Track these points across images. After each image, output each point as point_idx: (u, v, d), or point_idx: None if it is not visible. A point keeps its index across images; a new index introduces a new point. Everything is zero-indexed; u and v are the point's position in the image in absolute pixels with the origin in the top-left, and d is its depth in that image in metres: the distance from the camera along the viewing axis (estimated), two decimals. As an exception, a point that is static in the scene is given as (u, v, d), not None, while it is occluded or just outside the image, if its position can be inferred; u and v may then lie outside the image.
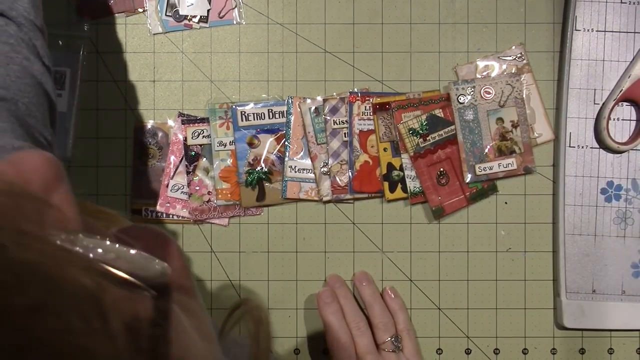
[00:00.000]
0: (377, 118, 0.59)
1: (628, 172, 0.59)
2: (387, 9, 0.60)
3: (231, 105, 0.59)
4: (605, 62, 0.59)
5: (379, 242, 0.60)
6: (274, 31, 0.60)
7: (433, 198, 0.58)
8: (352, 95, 0.59)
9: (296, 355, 0.60)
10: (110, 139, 0.60)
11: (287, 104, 0.59)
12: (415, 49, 0.60)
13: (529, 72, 0.59)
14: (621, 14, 0.59)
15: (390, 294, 0.59)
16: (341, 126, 0.59)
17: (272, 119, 0.59)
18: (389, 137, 0.59)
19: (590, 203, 0.59)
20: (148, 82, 0.60)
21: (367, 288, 0.58)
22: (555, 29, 0.60)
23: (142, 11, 0.60)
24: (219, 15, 0.60)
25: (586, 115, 0.59)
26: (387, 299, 0.59)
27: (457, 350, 0.60)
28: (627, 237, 0.59)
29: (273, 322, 0.60)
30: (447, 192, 0.59)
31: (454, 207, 0.59)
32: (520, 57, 0.59)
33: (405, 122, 0.58)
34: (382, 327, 0.57)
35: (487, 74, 0.59)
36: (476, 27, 0.60)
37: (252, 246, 0.60)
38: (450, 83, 0.58)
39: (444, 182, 0.59)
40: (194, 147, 0.60)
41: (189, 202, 0.60)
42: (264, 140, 0.60)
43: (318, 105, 0.59)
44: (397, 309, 0.59)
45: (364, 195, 0.59)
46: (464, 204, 0.59)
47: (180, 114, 0.60)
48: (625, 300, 0.59)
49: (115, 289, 0.20)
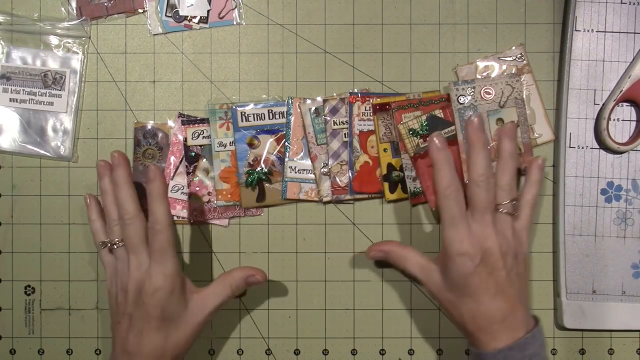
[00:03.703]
0: (377, 118, 0.59)
1: (628, 172, 0.59)
2: (387, 10, 0.60)
3: (231, 106, 0.59)
4: (605, 62, 0.59)
5: (379, 243, 0.60)
6: (274, 32, 0.60)
7: (433, 199, 0.58)
8: (352, 96, 0.59)
9: (296, 356, 0.60)
10: (110, 139, 0.60)
11: (287, 104, 0.59)
12: (415, 50, 0.60)
13: (529, 73, 0.59)
14: (621, 14, 0.59)
15: (537, 162, 0.56)
16: (341, 127, 0.59)
17: (272, 120, 0.59)
18: (389, 137, 0.59)
19: (590, 203, 0.59)
20: (148, 82, 0.60)
21: (508, 144, 0.54)
22: (555, 29, 0.60)
23: (142, 12, 0.60)
24: (219, 15, 0.60)
25: (586, 115, 0.59)
26: (533, 166, 0.56)
27: (457, 351, 0.60)
28: (627, 237, 0.59)
29: (273, 322, 0.60)
30: None
31: None
32: (521, 58, 0.59)
33: (405, 122, 0.58)
34: (507, 188, 0.53)
35: (487, 74, 0.59)
36: (476, 28, 0.60)
37: (252, 247, 0.60)
38: (450, 83, 0.58)
39: None
40: (194, 147, 0.60)
41: (188, 202, 0.60)
42: (264, 140, 0.60)
43: (318, 106, 0.59)
44: (534, 181, 0.56)
45: (364, 195, 0.59)
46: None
47: (180, 114, 0.60)
48: (625, 301, 0.59)
49: None
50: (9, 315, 0.60)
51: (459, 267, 0.51)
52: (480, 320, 0.51)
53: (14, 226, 0.60)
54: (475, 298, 0.51)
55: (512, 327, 0.51)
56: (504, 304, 0.51)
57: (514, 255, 0.52)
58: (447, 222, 0.52)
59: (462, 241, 0.51)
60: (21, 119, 0.60)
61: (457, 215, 0.52)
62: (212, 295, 0.54)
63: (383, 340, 0.60)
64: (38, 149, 0.60)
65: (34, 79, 0.60)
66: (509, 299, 0.51)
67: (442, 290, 0.54)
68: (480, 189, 0.52)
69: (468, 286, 0.52)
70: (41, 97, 0.60)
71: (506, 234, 0.52)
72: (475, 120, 0.54)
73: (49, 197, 0.60)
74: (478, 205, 0.52)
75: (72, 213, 0.60)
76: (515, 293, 0.52)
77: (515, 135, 0.55)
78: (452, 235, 0.52)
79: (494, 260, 0.51)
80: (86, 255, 0.60)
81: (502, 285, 0.51)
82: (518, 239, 0.53)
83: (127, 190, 0.53)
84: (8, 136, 0.60)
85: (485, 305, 0.51)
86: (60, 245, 0.60)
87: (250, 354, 0.60)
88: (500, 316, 0.51)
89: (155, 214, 0.52)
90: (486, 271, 0.51)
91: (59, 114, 0.60)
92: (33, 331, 0.60)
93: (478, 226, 0.52)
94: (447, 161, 0.53)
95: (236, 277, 0.55)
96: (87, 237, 0.60)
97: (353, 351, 0.60)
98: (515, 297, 0.52)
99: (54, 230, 0.60)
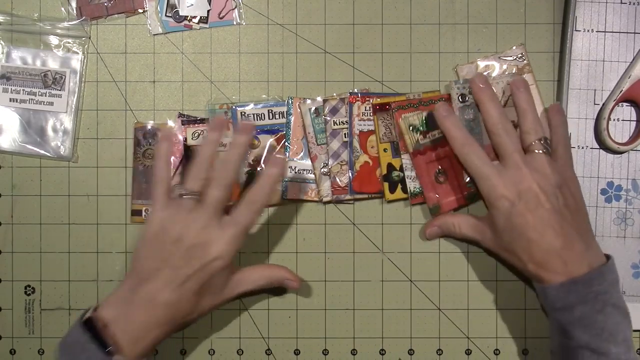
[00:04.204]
0: (377, 119, 0.59)
1: (628, 172, 0.59)
2: (387, 10, 0.60)
3: (231, 106, 0.59)
4: (605, 62, 0.59)
5: (379, 243, 0.60)
6: (274, 32, 0.60)
7: (430, 196, 0.58)
8: (352, 96, 0.59)
9: (296, 356, 0.60)
10: (110, 139, 0.60)
11: (287, 104, 0.59)
12: (415, 50, 0.60)
13: (530, 73, 0.59)
14: (621, 14, 0.59)
15: (554, 107, 0.56)
16: (341, 127, 0.59)
17: (272, 120, 0.59)
18: (389, 137, 0.59)
19: (590, 203, 0.59)
20: (148, 82, 0.60)
21: (523, 94, 0.55)
22: (555, 29, 0.60)
23: (142, 12, 0.60)
24: (219, 15, 0.60)
25: (586, 115, 0.59)
26: (550, 112, 0.57)
27: (457, 351, 0.60)
28: (627, 237, 0.59)
29: (273, 322, 0.60)
30: (444, 190, 0.59)
31: (451, 206, 0.59)
32: (521, 57, 0.59)
33: (406, 117, 0.58)
34: (532, 132, 0.53)
35: (488, 74, 0.59)
36: (476, 28, 0.60)
37: (252, 247, 0.60)
38: (451, 82, 0.58)
39: (442, 180, 0.59)
40: (194, 147, 0.60)
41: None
42: (264, 140, 0.60)
43: (318, 106, 0.59)
44: (558, 124, 0.56)
45: (364, 195, 0.59)
46: (462, 203, 0.59)
47: (180, 114, 0.60)
48: (625, 301, 0.59)
49: None
50: (9, 315, 0.60)
51: (500, 212, 0.52)
52: (537, 256, 0.51)
53: (14, 226, 0.60)
54: (526, 237, 0.51)
55: (572, 261, 0.50)
56: (556, 238, 0.51)
57: (557, 188, 0.52)
58: (476, 177, 0.53)
59: (496, 187, 0.52)
60: (21, 119, 0.60)
61: (482, 166, 0.53)
62: (249, 281, 0.55)
63: (383, 340, 0.60)
64: (38, 149, 0.60)
65: (34, 79, 0.60)
66: (560, 232, 0.51)
67: (497, 243, 0.54)
68: (499, 136, 0.53)
69: (514, 227, 0.52)
70: (41, 97, 0.60)
71: (544, 171, 0.52)
72: (478, 78, 0.55)
73: (49, 197, 0.60)
74: (503, 152, 0.53)
75: (72, 213, 0.60)
76: (568, 226, 0.51)
77: (527, 85, 0.56)
78: (484, 185, 0.53)
79: (533, 197, 0.51)
80: (86, 255, 0.60)
81: (549, 220, 0.51)
82: (560, 173, 0.53)
83: (240, 157, 0.53)
84: (8, 136, 0.60)
85: (537, 243, 0.51)
86: (60, 245, 0.60)
87: (250, 354, 0.60)
88: (555, 250, 0.50)
89: (257, 194, 0.52)
90: (527, 209, 0.51)
91: (59, 114, 0.60)
92: (33, 331, 0.60)
93: (509, 170, 0.52)
94: (456, 124, 0.54)
95: (277, 274, 0.56)
96: (87, 237, 0.60)
97: (353, 351, 0.60)
98: (569, 231, 0.51)
99: (54, 230, 0.60)
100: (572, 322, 0.50)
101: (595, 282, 0.50)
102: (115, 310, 0.50)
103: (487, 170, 0.53)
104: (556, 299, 0.50)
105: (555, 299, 0.50)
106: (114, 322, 0.49)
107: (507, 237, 0.53)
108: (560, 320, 0.51)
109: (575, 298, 0.50)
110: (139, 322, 0.50)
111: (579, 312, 0.49)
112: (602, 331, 0.49)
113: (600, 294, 0.49)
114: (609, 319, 0.49)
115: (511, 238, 0.52)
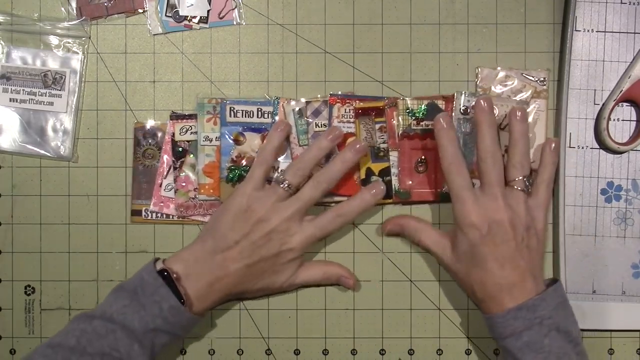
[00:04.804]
0: (359, 122, 0.59)
1: (628, 172, 0.59)
2: (387, 10, 0.60)
3: (220, 101, 0.59)
4: (605, 62, 0.59)
5: (379, 243, 0.60)
6: (274, 32, 0.60)
7: (404, 180, 0.59)
8: (332, 97, 0.59)
9: (296, 356, 0.60)
10: (110, 139, 0.60)
11: (273, 104, 0.59)
12: (415, 50, 0.60)
13: (545, 99, 0.59)
14: (621, 14, 0.59)
15: (551, 144, 0.57)
16: (323, 129, 0.59)
17: (260, 118, 0.59)
18: (369, 142, 0.59)
19: (590, 203, 0.59)
20: (148, 82, 0.60)
21: (519, 124, 0.55)
22: (555, 29, 0.60)
23: (142, 12, 0.60)
24: (219, 15, 0.60)
25: (586, 115, 0.59)
26: (545, 148, 0.57)
27: (457, 351, 0.60)
28: (627, 237, 0.59)
29: (273, 322, 0.60)
30: (420, 180, 0.59)
31: (421, 197, 0.59)
32: (543, 82, 0.59)
33: (405, 100, 0.58)
34: (518, 166, 0.54)
35: (504, 84, 0.59)
36: (476, 28, 0.60)
37: (252, 247, 0.60)
38: (457, 92, 0.58)
39: (421, 169, 0.59)
40: (181, 143, 0.60)
41: (174, 198, 0.59)
42: (249, 138, 0.59)
43: (301, 107, 0.59)
44: (549, 162, 0.56)
45: (342, 198, 0.59)
46: (433, 198, 0.59)
47: (173, 112, 0.60)
48: (625, 301, 0.59)
49: None
50: (9, 315, 0.60)
51: (468, 238, 0.53)
52: (489, 288, 0.53)
53: (14, 226, 0.60)
54: (484, 267, 0.53)
55: (521, 295, 0.52)
56: (512, 273, 0.52)
57: (525, 228, 0.53)
58: (454, 197, 0.54)
59: (469, 213, 0.53)
60: (21, 119, 0.60)
61: (462, 189, 0.53)
62: (308, 274, 0.58)
63: (383, 340, 0.60)
64: (38, 149, 0.60)
65: (34, 79, 0.60)
66: (517, 269, 0.52)
67: (454, 262, 0.56)
68: (486, 164, 0.54)
69: (476, 256, 0.53)
70: (41, 97, 0.60)
71: (517, 209, 0.53)
72: (484, 103, 0.55)
73: (49, 197, 0.60)
74: (486, 180, 0.54)
75: (72, 213, 0.60)
76: (525, 265, 0.53)
77: (525, 116, 0.56)
78: (459, 208, 0.54)
79: (503, 231, 0.52)
80: (86, 255, 0.60)
81: (510, 256, 0.52)
82: (531, 214, 0.54)
83: (344, 172, 0.56)
84: (8, 136, 0.60)
85: (493, 274, 0.52)
86: (60, 245, 0.60)
87: (250, 354, 0.60)
88: (508, 285, 0.52)
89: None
90: (494, 242, 0.52)
91: (59, 114, 0.60)
92: (33, 331, 0.60)
93: (486, 199, 0.53)
94: (451, 140, 0.54)
95: (334, 271, 0.58)
96: (87, 237, 0.60)
97: (353, 351, 0.60)
98: (525, 269, 0.53)
99: (54, 230, 0.60)
100: (521, 348, 0.51)
101: (539, 307, 0.51)
102: (187, 268, 0.54)
103: (466, 194, 0.53)
104: (503, 326, 0.52)
105: (503, 326, 0.52)
106: (186, 278, 0.53)
107: (467, 262, 0.54)
108: (509, 347, 0.52)
109: (521, 324, 0.51)
110: (207, 283, 0.54)
111: (527, 337, 0.51)
112: (549, 354, 0.50)
113: (545, 319, 0.51)
114: (554, 342, 0.51)
115: (470, 263, 0.54)
